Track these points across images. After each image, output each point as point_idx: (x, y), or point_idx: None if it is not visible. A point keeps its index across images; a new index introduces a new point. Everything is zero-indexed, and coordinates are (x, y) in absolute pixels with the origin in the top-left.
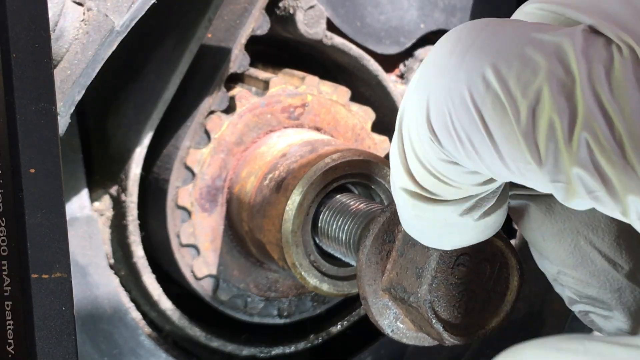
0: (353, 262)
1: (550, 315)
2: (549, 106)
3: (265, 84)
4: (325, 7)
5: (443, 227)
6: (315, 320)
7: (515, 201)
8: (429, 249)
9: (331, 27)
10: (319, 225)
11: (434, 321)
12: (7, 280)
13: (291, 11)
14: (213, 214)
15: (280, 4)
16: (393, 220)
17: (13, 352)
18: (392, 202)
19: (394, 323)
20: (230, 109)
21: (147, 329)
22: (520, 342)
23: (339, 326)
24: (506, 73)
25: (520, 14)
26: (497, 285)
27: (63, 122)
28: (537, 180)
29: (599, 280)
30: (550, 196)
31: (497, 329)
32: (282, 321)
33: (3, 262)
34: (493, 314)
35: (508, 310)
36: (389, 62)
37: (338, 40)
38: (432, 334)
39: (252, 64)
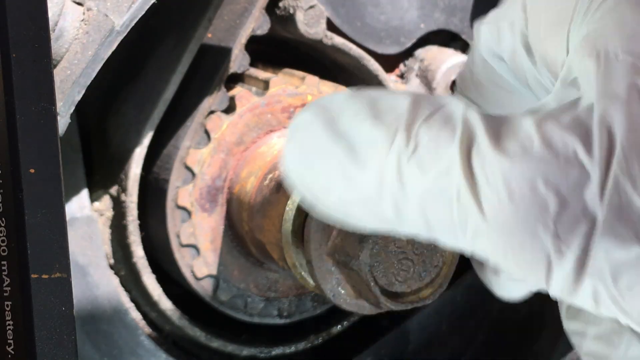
0: None
1: (550, 316)
2: None
3: (265, 84)
4: (326, 7)
5: None
6: (315, 320)
7: None
8: None
9: (331, 27)
10: None
11: (372, 284)
12: (7, 280)
13: (291, 11)
14: (213, 214)
15: (280, 4)
16: None
17: (13, 352)
18: None
19: (335, 288)
20: (230, 109)
21: (147, 329)
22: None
23: (339, 326)
24: None
25: None
26: (434, 258)
27: (63, 122)
28: None
29: None
30: None
31: (431, 299)
32: (282, 321)
33: (3, 262)
34: (428, 285)
35: (442, 283)
36: (389, 62)
37: (338, 40)
38: (370, 298)
39: (252, 64)
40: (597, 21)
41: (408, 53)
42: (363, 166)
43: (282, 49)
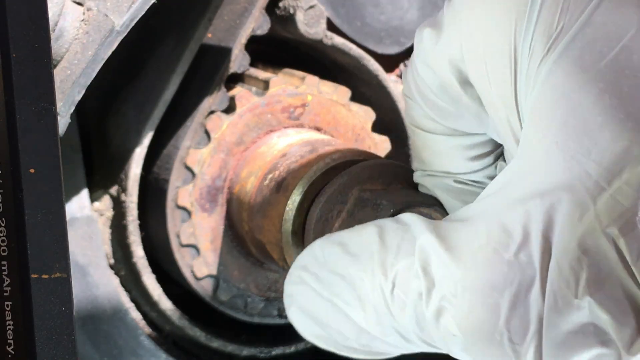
0: None
1: None
2: None
3: (265, 84)
4: (326, 7)
5: None
6: None
7: None
8: (376, 211)
9: (331, 27)
10: None
11: None
12: (7, 280)
13: (291, 11)
14: (213, 214)
15: (280, 4)
16: (349, 184)
17: (13, 352)
18: (351, 169)
19: None
20: (230, 109)
21: (147, 329)
22: None
23: None
24: None
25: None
26: None
27: (63, 122)
28: None
29: None
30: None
31: None
32: (282, 321)
33: (3, 262)
34: None
35: None
36: (389, 62)
37: (338, 40)
38: None
39: (252, 64)
40: (536, 96)
41: (408, 53)
42: (358, 308)
43: (282, 49)
